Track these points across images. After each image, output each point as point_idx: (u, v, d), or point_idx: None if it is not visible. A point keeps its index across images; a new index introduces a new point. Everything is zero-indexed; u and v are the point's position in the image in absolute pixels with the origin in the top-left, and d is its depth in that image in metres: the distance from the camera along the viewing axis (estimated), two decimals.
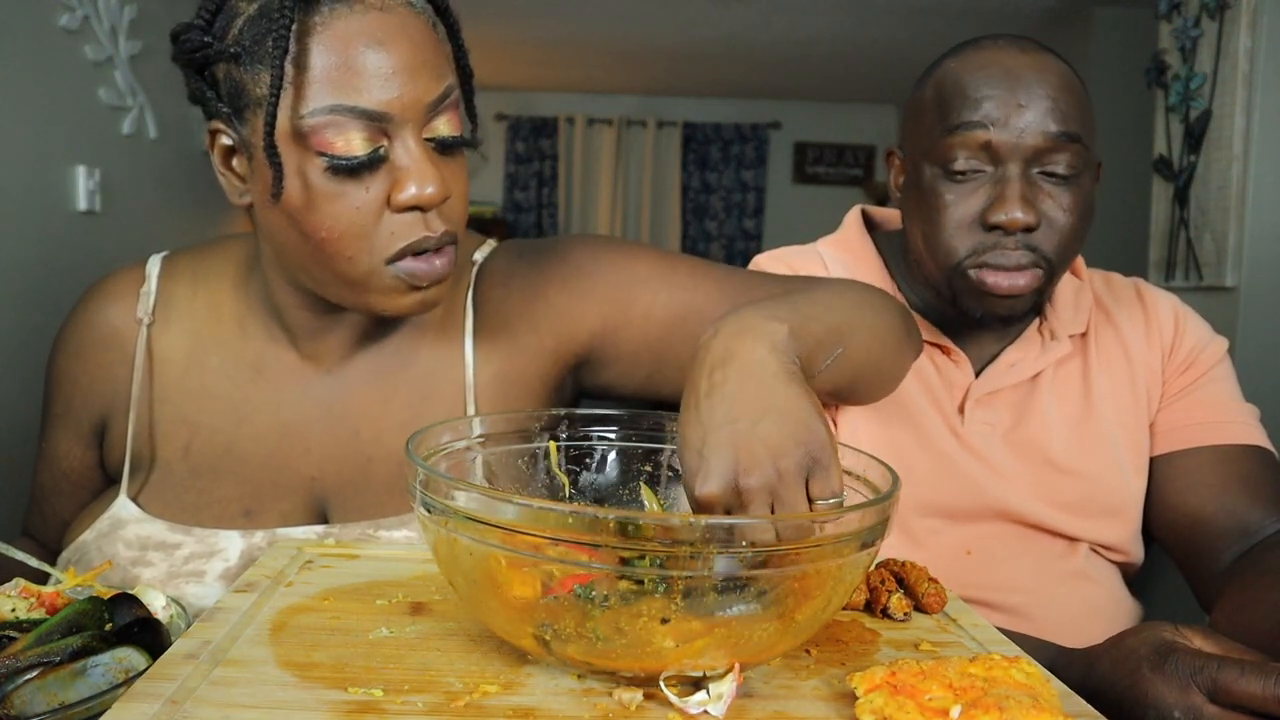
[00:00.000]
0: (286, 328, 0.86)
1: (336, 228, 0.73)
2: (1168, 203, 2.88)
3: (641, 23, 4.40)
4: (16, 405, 2.02)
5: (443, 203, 0.74)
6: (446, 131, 0.76)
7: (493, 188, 6.32)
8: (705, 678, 0.53)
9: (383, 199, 0.73)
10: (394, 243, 0.74)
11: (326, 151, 0.71)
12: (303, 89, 0.71)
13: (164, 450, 0.87)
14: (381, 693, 0.52)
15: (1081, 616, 0.97)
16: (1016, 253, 0.92)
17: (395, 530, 0.83)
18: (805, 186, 6.31)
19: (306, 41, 0.70)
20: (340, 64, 0.70)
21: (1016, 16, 3.95)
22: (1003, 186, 0.91)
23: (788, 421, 0.60)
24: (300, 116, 0.71)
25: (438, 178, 0.73)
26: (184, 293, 0.90)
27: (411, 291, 0.77)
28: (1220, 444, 0.99)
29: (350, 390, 0.87)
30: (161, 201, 2.71)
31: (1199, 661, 0.59)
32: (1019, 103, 0.90)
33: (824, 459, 0.60)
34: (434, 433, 0.65)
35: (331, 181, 0.72)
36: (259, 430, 0.86)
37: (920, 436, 0.99)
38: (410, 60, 0.72)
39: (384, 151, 0.73)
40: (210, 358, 0.88)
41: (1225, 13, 2.63)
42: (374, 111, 0.71)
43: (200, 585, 0.80)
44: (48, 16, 2.15)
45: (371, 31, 0.71)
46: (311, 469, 0.86)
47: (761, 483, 0.58)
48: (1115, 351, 1.04)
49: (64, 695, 0.58)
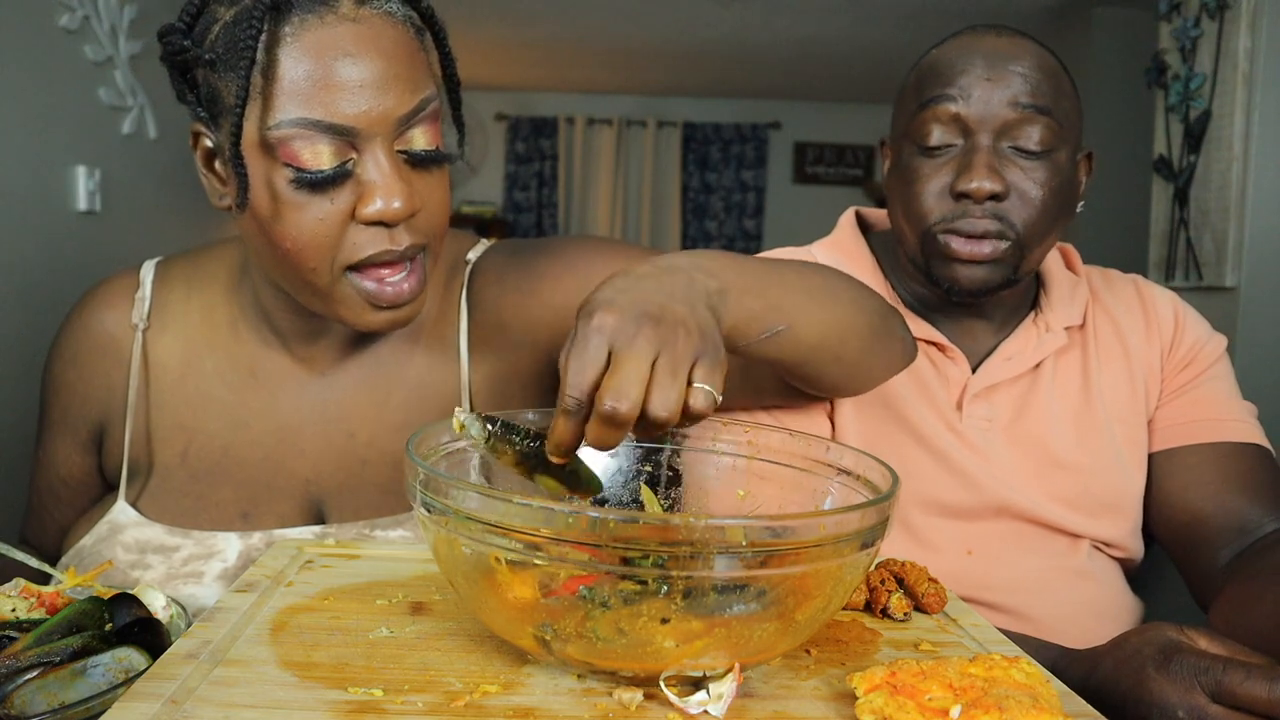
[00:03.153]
0: (278, 331, 0.86)
1: (300, 238, 0.72)
2: (1168, 203, 2.88)
3: (641, 23, 4.40)
4: (17, 405, 2.02)
5: (410, 217, 0.74)
6: (421, 145, 0.75)
7: (493, 188, 6.32)
8: (705, 678, 0.53)
9: (348, 211, 0.72)
10: (355, 254, 0.74)
11: (293, 164, 0.71)
12: (271, 100, 0.70)
13: (162, 455, 0.87)
14: (381, 693, 0.52)
15: (1084, 616, 0.97)
16: (983, 221, 0.93)
17: (391, 530, 0.84)
18: (805, 186, 6.32)
19: (276, 52, 0.70)
20: (309, 76, 0.70)
21: (1016, 17, 3.95)
22: (970, 156, 0.93)
23: (693, 315, 0.60)
24: (268, 127, 0.70)
25: (404, 192, 0.72)
26: (178, 297, 0.90)
27: (377, 310, 0.76)
28: (1218, 441, 0.99)
29: (345, 393, 0.86)
30: (161, 201, 2.71)
31: (1204, 662, 0.59)
32: (987, 77, 0.93)
33: (719, 357, 0.60)
34: (434, 433, 0.65)
35: (297, 193, 0.71)
36: (255, 434, 0.86)
37: (918, 434, 0.99)
38: (382, 73, 0.71)
39: (351, 165, 0.72)
40: (205, 362, 0.87)
41: (1225, 13, 2.63)
42: (342, 126, 0.70)
43: (199, 586, 0.81)
44: (48, 16, 2.15)
45: (342, 43, 0.70)
46: (307, 471, 0.86)
47: (656, 329, 0.57)
48: (1114, 347, 1.04)
49: (64, 695, 0.58)
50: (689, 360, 0.58)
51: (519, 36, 4.72)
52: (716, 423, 0.73)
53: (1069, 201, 0.97)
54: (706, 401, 0.58)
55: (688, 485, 0.74)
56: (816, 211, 5.99)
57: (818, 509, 0.66)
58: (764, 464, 0.71)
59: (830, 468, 0.67)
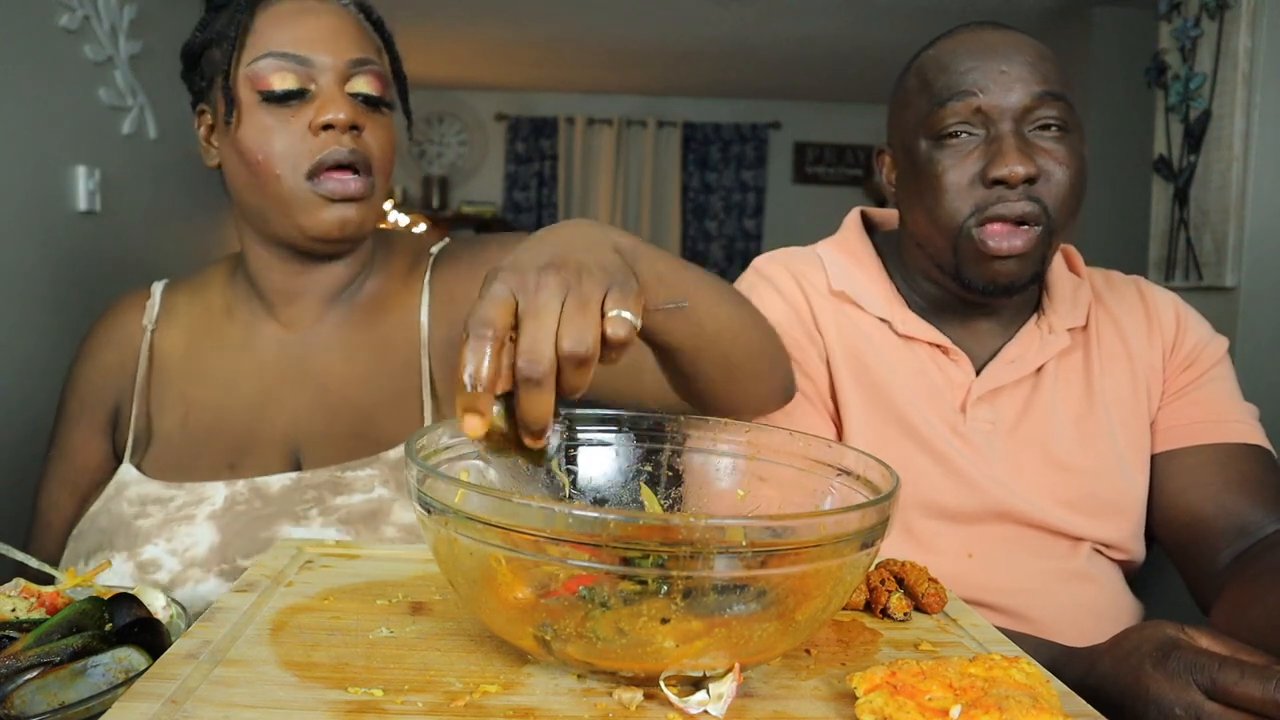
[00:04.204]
0: (265, 299, 1.00)
1: (267, 147, 0.91)
2: (1168, 203, 2.88)
3: (641, 23, 4.40)
4: (18, 404, 2.02)
5: (351, 129, 0.91)
6: (365, 89, 0.93)
7: (493, 188, 6.32)
8: (705, 678, 0.53)
9: (305, 125, 0.91)
10: (311, 158, 0.91)
11: (263, 88, 0.91)
12: (251, 48, 0.92)
13: (162, 425, 0.99)
14: (381, 693, 0.52)
15: (1084, 618, 0.97)
16: (1020, 203, 0.93)
17: (360, 470, 0.92)
18: (805, 186, 6.32)
19: (258, 20, 0.93)
20: (279, 27, 0.92)
21: (1016, 17, 3.95)
22: (999, 143, 0.93)
23: (596, 257, 0.60)
24: (248, 65, 0.92)
25: (349, 107, 0.91)
26: (183, 301, 1.05)
27: (329, 206, 0.91)
28: (1220, 443, 0.99)
29: (319, 350, 1.00)
30: (161, 201, 2.71)
31: (1200, 660, 0.59)
32: (1001, 69, 0.94)
33: (631, 286, 0.59)
34: (434, 433, 0.65)
35: (267, 114, 0.91)
36: (243, 395, 0.98)
37: (921, 437, 0.99)
38: (334, 28, 0.93)
39: (311, 92, 0.91)
40: (203, 344, 1.02)
41: (1225, 13, 2.63)
42: (301, 56, 0.91)
43: (191, 525, 0.90)
44: (48, 16, 2.15)
45: (307, 9, 0.93)
46: (285, 424, 0.97)
47: (558, 274, 0.57)
48: (1116, 348, 1.04)
49: (64, 695, 0.58)
50: (599, 293, 0.57)
51: (519, 36, 4.72)
52: (717, 422, 0.73)
53: (1085, 179, 0.97)
54: (624, 329, 0.57)
55: (688, 485, 0.74)
56: (816, 211, 6.00)
57: (818, 509, 0.66)
58: (764, 464, 0.71)
59: (830, 468, 0.67)
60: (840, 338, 1.02)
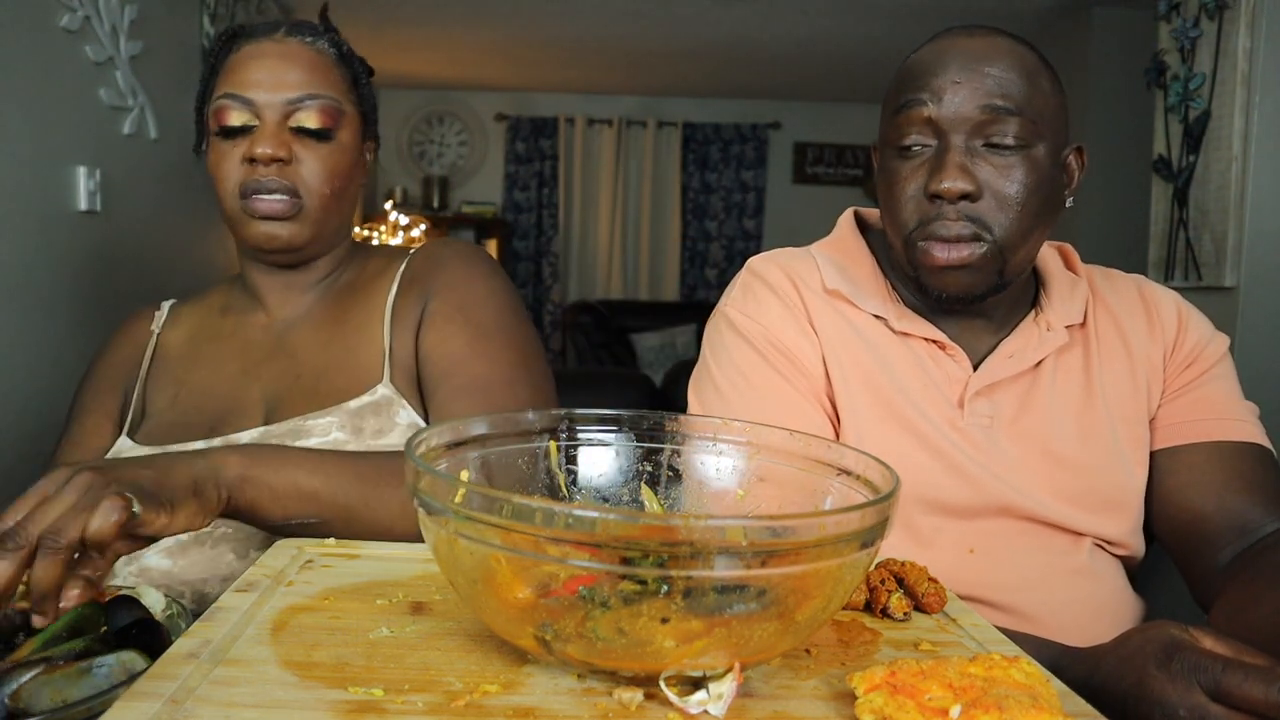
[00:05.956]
0: (257, 295, 1.15)
1: (219, 174, 1.07)
2: (1167, 203, 2.88)
3: (641, 23, 4.40)
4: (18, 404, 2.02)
5: (273, 162, 1.04)
6: (305, 123, 1.06)
7: (493, 188, 6.32)
8: (705, 677, 0.53)
9: (243, 156, 1.05)
10: (239, 183, 1.06)
11: (218, 123, 1.07)
12: (217, 88, 1.08)
13: (157, 403, 1.12)
14: (381, 692, 0.52)
15: (1086, 614, 0.97)
16: (957, 224, 0.93)
17: (320, 418, 1.03)
18: (805, 187, 6.32)
19: (225, 64, 1.09)
20: (236, 70, 1.07)
21: (1015, 17, 3.96)
22: (943, 157, 0.93)
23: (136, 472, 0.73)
24: (212, 103, 1.08)
25: (275, 143, 1.04)
26: (187, 310, 1.21)
27: (257, 222, 1.06)
28: (1220, 441, 0.99)
29: (296, 330, 1.13)
30: (161, 201, 2.71)
31: (1204, 661, 0.59)
32: (955, 79, 0.93)
33: None
34: (434, 433, 0.65)
35: (221, 143, 1.07)
36: (228, 375, 1.12)
37: (920, 432, 0.99)
38: (279, 71, 1.06)
39: (256, 127, 1.06)
40: (200, 337, 1.16)
41: (1224, 13, 2.63)
42: (246, 97, 1.05)
43: None
44: (48, 16, 2.15)
45: (261, 53, 1.07)
46: (260, 391, 1.10)
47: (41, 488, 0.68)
48: (1116, 345, 1.04)
49: (68, 692, 0.58)
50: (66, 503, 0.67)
51: (519, 36, 4.72)
52: (717, 422, 0.73)
53: (1051, 198, 0.96)
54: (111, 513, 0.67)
55: (688, 485, 0.74)
56: (816, 212, 6.00)
57: (818, 509, 0.66)
58: (764, 464, 0.71)
59: (830, 468, 0.67)
60: (836, 335, 1.02)
